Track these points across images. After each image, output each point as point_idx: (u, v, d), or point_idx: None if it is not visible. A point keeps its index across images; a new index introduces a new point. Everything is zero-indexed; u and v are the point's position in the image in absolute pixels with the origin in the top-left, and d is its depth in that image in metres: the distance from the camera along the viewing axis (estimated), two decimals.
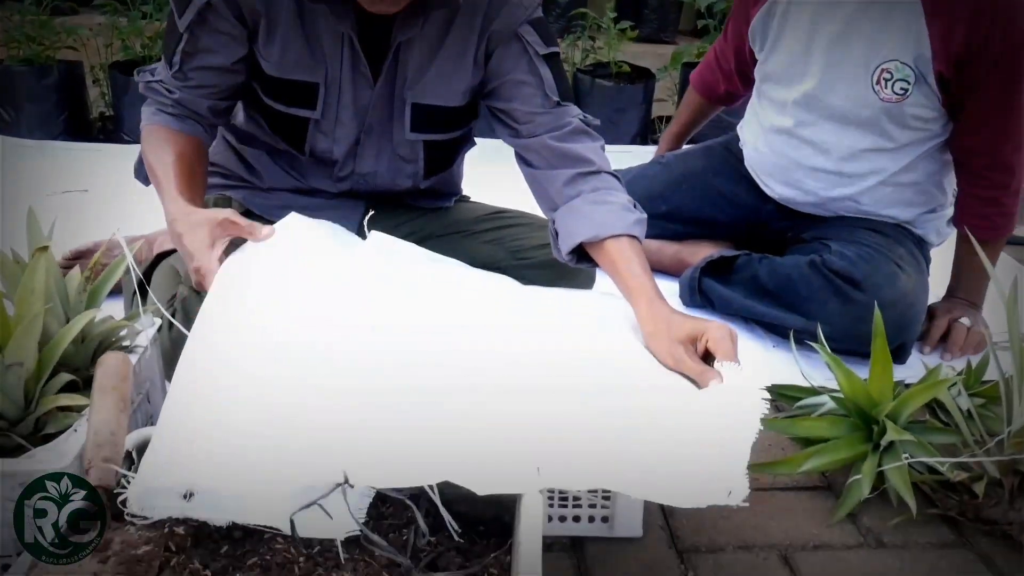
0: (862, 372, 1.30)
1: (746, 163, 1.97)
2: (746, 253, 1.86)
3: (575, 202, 1.40)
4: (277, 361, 1.05)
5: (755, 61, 1.90)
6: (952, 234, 1.85)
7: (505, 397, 1.08)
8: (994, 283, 1.28)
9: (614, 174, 1.44)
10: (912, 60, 1.63)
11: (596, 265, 1.40)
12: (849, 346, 1.55)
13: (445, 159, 1.62)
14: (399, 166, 1.55)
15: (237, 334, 1.06)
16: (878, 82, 1.67)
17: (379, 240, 1.38)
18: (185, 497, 0.85)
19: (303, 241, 1.27)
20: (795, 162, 1.83)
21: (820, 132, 1.78)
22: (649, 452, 0.93)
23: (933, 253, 1.90)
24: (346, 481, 0.86)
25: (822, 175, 1.81)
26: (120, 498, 0.83)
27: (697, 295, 1.88)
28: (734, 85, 2.07)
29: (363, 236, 1.45)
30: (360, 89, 1.45)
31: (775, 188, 1.90)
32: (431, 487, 0.88)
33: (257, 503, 0.86)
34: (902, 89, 1.65)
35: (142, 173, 1.49)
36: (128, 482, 0.86)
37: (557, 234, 1.42)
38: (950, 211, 1.84)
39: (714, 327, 1.15)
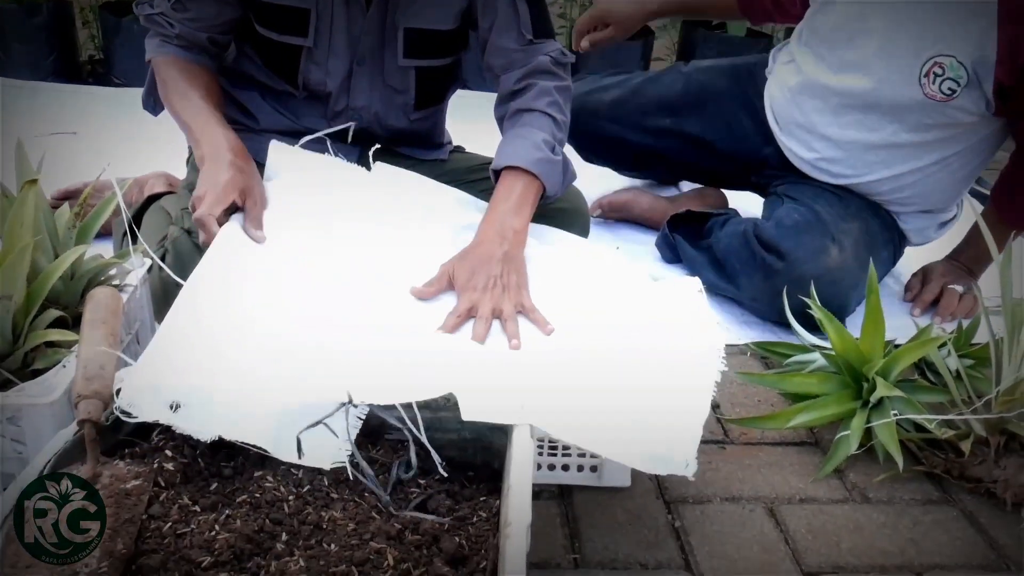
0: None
1: (765, 96, 1.86)
2: (720, 213, 1.85)
3: (505, 135, 1.47)
4: (279, 291, 1.12)
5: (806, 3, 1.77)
6: (939, 240, 1.80)
7: (500, 340, 1.15)
8: (988, 245, 1.27)
9: (550, 114, 1.47)
10: (970, 61, 1.49)
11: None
12: (772, 318, 1.61)
13: (435, 91, 1.61)
14: (390, 97, 1.54)
15: (246, 261, 1.14)
16: (926, 74, 1.53)
17: (384, 171, 1.44)
18: (172, 408, 0.86)
19: (307, 183, 1.32)
20: (812, 123, 1.73)
21: (846, 108, 1.67)
22: (620, 418, 0.99)
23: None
24: (350, 400, 0.88)
25: (832, 148, 1.71)
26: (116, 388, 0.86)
27: (667, 251, 1.87)
28: (781, 7, 1.89)
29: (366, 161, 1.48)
30: (353, 16, 1.45)
31: (785, 139, 1.80)
32: (419, 428, 0.89)
33: (245, 420, 0.87)
34: (949, 90, 1.51)
35: (150, 103, 1.53)
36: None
37: None
38: (947, 216, 1.77)
39: (461, 290, 1.25)
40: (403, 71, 1.52)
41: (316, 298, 1.14)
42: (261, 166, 1.54)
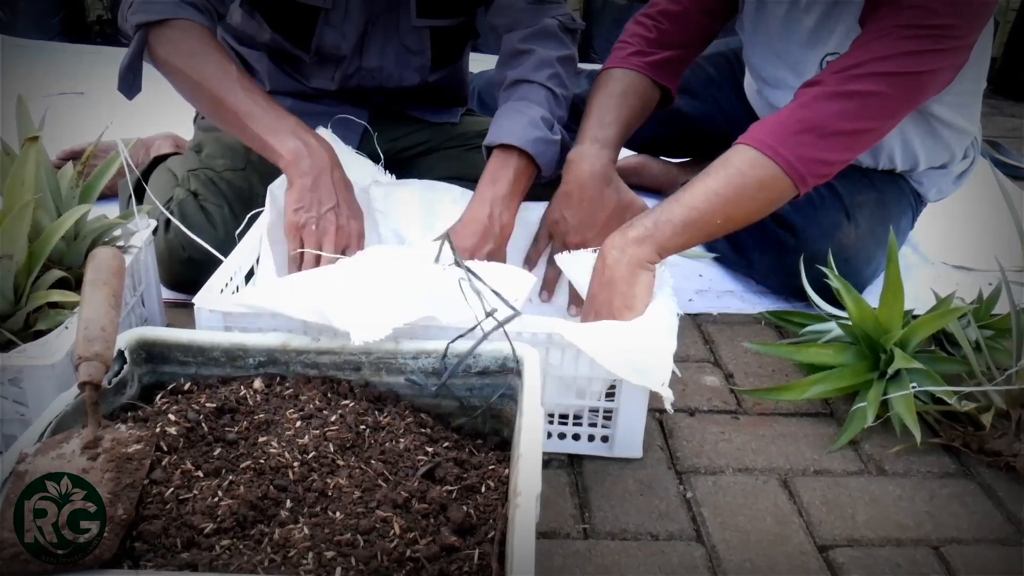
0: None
1: (745, 89, 1.85)
2: None
3: (501, 108, 1.39)
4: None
5: None
6: (955, 192, 1.73)
7: None
8: (1010, 213, 1.24)
9: (550, 87, 1.40)
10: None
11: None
12: (785, 296, 1.59)
13: (452, 50, 1.57)
14: (406, 59, 1.50)
15: None
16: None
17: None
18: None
19: None
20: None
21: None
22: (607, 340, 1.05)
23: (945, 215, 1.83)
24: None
25: None
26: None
27: None
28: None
29: (365, 145, 1.44)
30: None
31: None
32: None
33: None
34: None
35: (129, 80, 1.30)
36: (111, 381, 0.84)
37: None
38: (961, 167, 1.69)
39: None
40: (418, 31, 1.48)
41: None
42: None
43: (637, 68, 1.53)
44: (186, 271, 1.33)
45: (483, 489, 0.85)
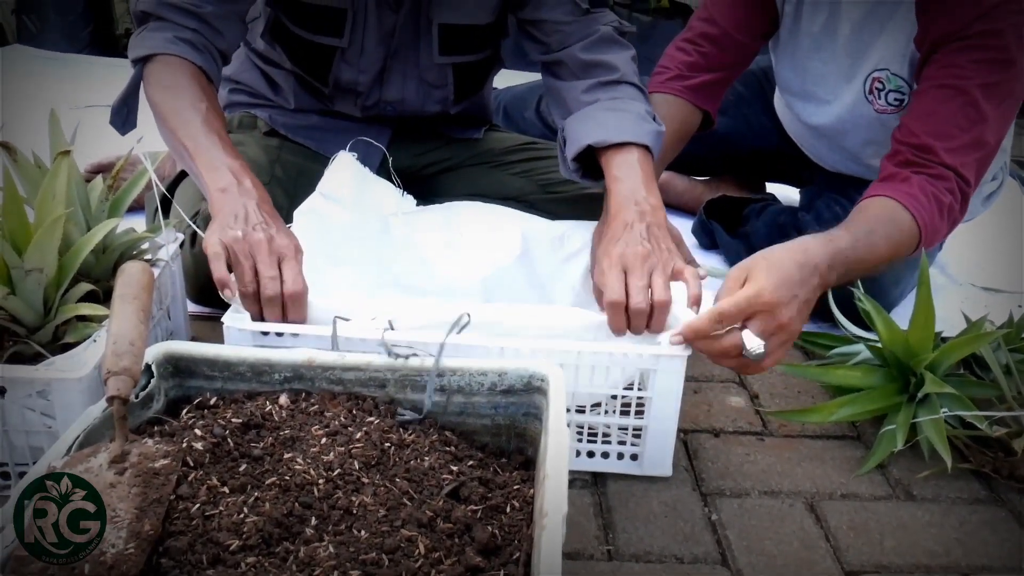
0: None
1: (775, 105, 1.86)
2: (757, 198, 1.80)
3: (589, 109, 1.32)
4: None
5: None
6: (983, 213, 1.71)
7: None
8: None
9: (638, 85, 1.37)
10: (907, 69, 1.44)
11: (600, 179, 1.29)
12: (811, 316, 1.54)
13: (475, 82, 1.57)
14: (427, 92, 1.51)
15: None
16: (871, 91, 1.50)
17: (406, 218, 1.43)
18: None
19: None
20: (814, 146, 1.73)
21: (824, 137, 1.65)
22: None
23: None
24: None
25: (843, 158, 1.69)
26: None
27: (704, 237, 1.83)
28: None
29: (387, 164, 1.44)
30: (384, 14, 1.41)
31: (802, 148, 1.80)
32: None
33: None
34: (896, 101, 1.47)
35: (123, 114, 1.30)
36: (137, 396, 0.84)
37: (565, 142, 1.33)
38: (990, 188, 1.69)
39: (617, 262, 1.12)
40: (440, 67, 1.48)
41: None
42: (292, 143, 1.53)
43: (676, 92, 1.53)
44: (212, 284, 1.33)
45: (508, 509, 0.84)
